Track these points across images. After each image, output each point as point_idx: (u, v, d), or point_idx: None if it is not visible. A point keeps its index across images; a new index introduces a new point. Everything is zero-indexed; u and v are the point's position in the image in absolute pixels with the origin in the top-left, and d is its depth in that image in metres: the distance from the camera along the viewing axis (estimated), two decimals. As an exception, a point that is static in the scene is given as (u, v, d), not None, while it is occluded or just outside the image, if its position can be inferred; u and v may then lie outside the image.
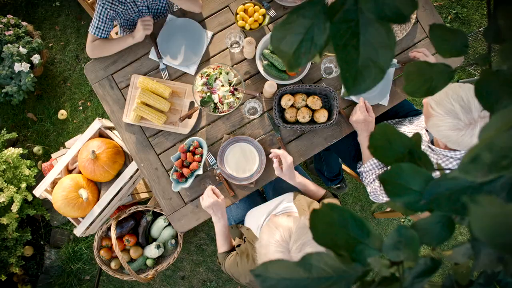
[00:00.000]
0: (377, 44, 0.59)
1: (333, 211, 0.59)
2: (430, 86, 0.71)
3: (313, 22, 0.62)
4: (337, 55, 0.58)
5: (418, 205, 0.60)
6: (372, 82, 0.57)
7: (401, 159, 0.68)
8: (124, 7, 1.92)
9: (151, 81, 1.91)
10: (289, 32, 0.63)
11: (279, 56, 0.63)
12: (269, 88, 1.83)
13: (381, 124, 0.64)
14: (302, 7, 0.63)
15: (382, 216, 2.82)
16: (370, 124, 1.89)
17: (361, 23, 0.59)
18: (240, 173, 1.91)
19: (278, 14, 2.02)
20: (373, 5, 0.57)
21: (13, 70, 2.66)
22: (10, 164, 2.39)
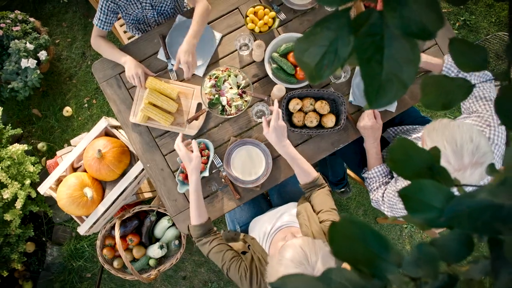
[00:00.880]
0: (401, 59, 0.58)
1: (353, 225, 0.59)
2: (447, 99, 0.70)
3: (337, 35, 0.62)
4: (361, 69, 0.58)
5: (438, 222, 0.60)
6: (393, 97, 0.57)
7: (420, 174, 0.67)
8: (126, 2, 1.91)
9: (159, 82, 1.90)
10: (313, 44, 0.63)
11: (301, 67, 0.63)
12: (278, 92, 1.83)
13: (400, 138, 0.64)
14: (327, 20, 0.63)
15: (385, 221, 2.82)
16: (378, 131, 1.88)
17: (386, 38, 0.58)
18: (246, 176, 1.91)
19: (288, 17, 2.01)
20: (399, 20, 0.57)
21: (20, 66, 2.66)
22: (14, 160, 2.38)
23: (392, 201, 1.73)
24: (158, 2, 2.02)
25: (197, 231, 1.67)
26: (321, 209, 1.64)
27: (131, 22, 2.15)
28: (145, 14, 2.06)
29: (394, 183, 1.77)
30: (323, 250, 1.28)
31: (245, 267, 1.54)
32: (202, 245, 1.66)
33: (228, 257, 1.58)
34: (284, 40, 1.94)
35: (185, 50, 1.78)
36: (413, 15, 0.57)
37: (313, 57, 0.63)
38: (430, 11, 0.58)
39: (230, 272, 1.56)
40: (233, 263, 1.56)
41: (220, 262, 1.59)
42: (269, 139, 1.73)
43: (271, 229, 1.69)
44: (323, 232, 1.53)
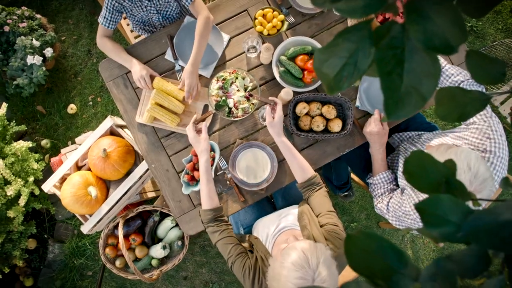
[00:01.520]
0: (421, 73, 0.58)
1: (370, 239, 0.58)
2: (462, 112, 0.70)
3: (357, 47, 0.62)
4: (382, 82, 0.58)
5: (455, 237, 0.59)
6: (412, 110, 0.57)
7: (436, 188, 0.67)
8: (131, 4, 1.91)
9: (166, 83, 1.90)
10: (333, 55, 0.63)
11: (320, 78, 0.63)
12: (285, 96, 1.82)
13: (416, 151, 0.64)
14: (348, 31, 0.62)
15: (388, 226, 2.82)
16: (384, 137, 1.88)
17: (406, 51, 0.58)
18: (251, 178, 1.90)
19: (297, 20, 2.01)
20: (422, 34, 0.57)
21: (25, 63, 2.66)
22: (18, 157, 2.38)
23: (398, 212, 1.73)
24: (164, 7, 2.01)
25: (208, 216, 1.66)
26: (320, 212, 1.64)
27: (137, 24, 2.15)
28: (150, 17, 2.06)
29: (400, 194, 1.76)
30: (325, 254, 1.29)
31: (250, 265, 1.54)
32: (212, 232, 1.65)
33: (236, 251, 1.58)
34: (292, 43, 1.94)
35: (190, 72, 1.82)
36: (436, 29, 0.57)
37: (333, 68, 0.63)
38: (453, 26, 0.58)
39: (234, 267, 1.56)
40: (239, 258, 1.56)
41: (226, 254, 1.59)
42: (271, 130, 1.72)
43: (275, 230, 1.69)
44: (324, 236, 1.53)
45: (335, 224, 1.56)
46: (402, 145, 1.97)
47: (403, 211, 1.69)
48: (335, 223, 1.57)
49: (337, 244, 1.49)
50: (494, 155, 1.54)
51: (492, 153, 1.54)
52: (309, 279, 1.22)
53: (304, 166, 1.72)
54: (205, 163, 1.68)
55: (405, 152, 1.90)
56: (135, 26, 2.21)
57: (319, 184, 1.72)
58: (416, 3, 0.58)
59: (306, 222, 1.61)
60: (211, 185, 1.69)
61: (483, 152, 1.54)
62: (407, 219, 1.69)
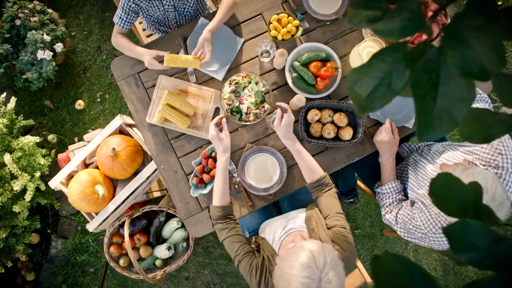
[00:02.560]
0: (455, 97, 0.58)
1: (397, 261, 0.58)
2: (488, 134, 0.70)
3: (392, 68, 0.61)
4: (416, 105, 0.58)
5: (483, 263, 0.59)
6: (442, 133, 0.57)
7: (464, 212, 0.67)
8: (148, 4, 1.90)
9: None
10: (366, 75, 0.63)
11: (351, 97, 0.62)
12: (298, 102, 1.82)
13: (442, 173, 0.63)
14: (383, 52, 0.62)
15: (391, 234, 2.81)
16: (394, 146, 1.87)
17: (442, 75, 0.58)
18: (260, 183, 1.90)
19: (311, 26, 2.00)
20: (459, 60, 0.56)
21: (35, 57, 2.65)
22: (25, 152, 2.38)
23: (408, 225, 1.72)
24: (181, 4, 2.01)
25: (217, 213, 1.66)
26: (328, 214, 1.63)
27: (152, 23, 2.14)
28: (167, 16, 2.05)
29: (410, 206, 1.76)
30: (332, 255, 1.28)
31: (257, 264, 1.54)
32: (220, 230, 1.65)
33: (243, 250, 1.57)
34: (306, 49, 1.93)
35: (206, 38, 1.83)
36: (474, 55, 0.57)
37: (365, 88, 0.63)
38: (492, 53, 0.57)
39: (241, 265, 1.56)
40: (246, 257, 1.56)
41: (233, 252, 1.59)
42: (278, 132, 1.71)
43: (281, 231, 1.69)
44: (331, 239, 1.53)
45: (343, 227, 1.56)
46: (411, 156, 1.97)
47: (414, 224, 1.69)
48: (343, 225, 1.56)
49: (344, 246, 1.49)
50: (507, 171, 1.53)
51: (504, 169, 1.53)
52: (315, 278, 1.22)
53: (313, 167, 1.72)
54: (225, 162, 1.68)
55: (414, 164, 1.90)
56: (150, 26, 2.20)
57: (328, 185, 1.71)
58: (456, 28, 0.57)
59: (314, 225, 1.60)
60: (226, 184, 1.69)
61: (495, 168, 1.53)
62: (417, 233, 1.68)
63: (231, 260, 2.84)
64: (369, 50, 1.77)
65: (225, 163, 1.68)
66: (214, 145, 1.71)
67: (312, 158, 1.73)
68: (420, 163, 1.86)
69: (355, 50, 1.82)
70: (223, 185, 1.68)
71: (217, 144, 1.69)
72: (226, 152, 1.68)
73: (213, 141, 1.70)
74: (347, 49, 1.99)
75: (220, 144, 1.68)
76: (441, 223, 1.58)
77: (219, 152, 1.70)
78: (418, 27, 0.60)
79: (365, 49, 1.78)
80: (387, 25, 0.61)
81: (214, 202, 1.69)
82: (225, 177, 1.68)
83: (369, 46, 1.79)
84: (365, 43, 1.79)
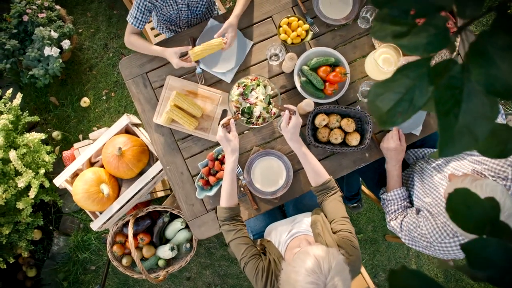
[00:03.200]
0: (477, 114, 0.58)
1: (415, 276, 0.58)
2: (504, 148, 0.69)
3: (415, 84, 0.61)
4: (439, 121, 0.57)
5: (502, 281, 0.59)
6: (462, 149, 0.57)
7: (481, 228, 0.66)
8: (163, 2, 1.90)
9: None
10: (389, 90, 0.62)
11: (372, 110, 0.62)
12: (306, 106, 1.81)
13: (459, 188, 0.63)
14: (407, 67, 0.62)
15: (394, 240, 2.81)
16: (401, 153, 1.87)
17: (465, 92, 0.58)
18: (266, 187, 1.90)
19: (321, 31, 2.00)
20: (484, 78, 0.56)
21: (42, 53, 2.65)
22: (30, 148, 2.38)
23: (413, 233, 1.72)
24: (194, 2, 2.01)
25: (224, 214, 1.66)
26: (333, 219, 1.63)
27: (163, 22, 2.14)
28: (179, 14, 2.05)
29: (415, 214, 1.75)
30: (337, 259, 1.28)
31: (263, 267, 1.53)
32: (227, 231, 1.65)
33: (250, 253, 1.57)
34: (315, 53, 1.93)
35: (232, 24, 1.85)
36: (499, 74, 0.56)
37: (387, 103, 0.62)
38: (518, 71, 0.57)
39: (247, 267, 1.56)
40: (252, 260, 1.55)
41: (240, 254, 1.59)
42: (285, 134, 1.71)
43: (287, 234, 1.68)
44: (337, 243, 1.52)
45: (348, 231, 1.56)
46: (418, 163, 1.96)
47: (419, 232, 1.68)
48: (349, 230, 1.56)
49: (350, 251, 1.49)
50: None
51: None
52: (320, 284, 1.22)
53: (319, 170, 1.71)
54: (233, 163, 1.68)
55: (421, 171, 1.89)
56: (160, 24, 2.20)
57: (333, 189, 1.70)
58: (482, 46, 0.57)
59: (320, 230, 1.60)
60: (234, 185, 1.68)
61: (504, 180, 1.53)
62: (422, 241, 1.68)
63: (233, 261, 2.85)
64: (385, 57, 1.76)
65: (233, 164, 1.68)
66: (222, 146, 1.70)
67: (317, 161, 1.73)
68: (426, 171, 1.85)
69: (371, 57, 1.81)
70: (231, 186, 1.68)
71: (225, 145, 1.69)
72: (234, 153, 1.68)
73: (221, 142, 1.70)
74: (356, 54, 1.99)
75: (228, 145, 1.68)
76: (447, 232, 1.58)
77: (227, 153, 1.69)
78: (444, 43, 0.60)
79: (381, 55, 1.77)
80: (412, 40, 0.60)
81: (222, 203, 1.69)
82: (233, 178, 1.68)
83: (385, 52, 1.77)
84: (381, 49, 1.78)
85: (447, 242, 1.58)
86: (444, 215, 1.61)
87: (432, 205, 1.69)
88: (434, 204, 1.69)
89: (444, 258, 1.70)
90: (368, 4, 1.97)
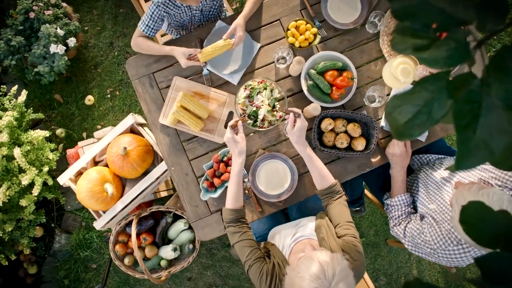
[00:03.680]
0: (494, 129, 0.58)
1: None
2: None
3: (434, 97, 0.61)
4: (457, 135, 0.57)
5: (518, 296, 0.59)
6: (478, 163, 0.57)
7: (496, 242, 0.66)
8: (178, 10, 1.90)
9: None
10: (407, 102, 0.62)
11: (389, 123, 0.62)
12: (313, 111, 1.81)
13: (474, 202, 0.63)
14: (426, 80, 0.62)
15: (395, 244, 2.81)
16: (406, 159, 1.87)
17: (484, 106, 0.58)
18: (270, 189, 1.89)
19: (329, 35, 1.99)
20: (504, 92, 0.56)
21: (48, 51, 2.64)
22: (34, 146, 2.37)
23: (417, 240, 1.72)
24: (208, 7, 2.02)
25: (230, 216, 1.65)
26: (338, 223, 1.63)
27: (174, 27, 2.14)
28: (192, 20, 2.06)
29: (419, 220, 1.75)
30: (341, 265, 1.29)
31: (267, 271, 1.53)
32: (232, 233, 1.64)
33: (255, 255, 1.57)
34: (322, 57, 1.92)
35: (239, 24, 1.86)
36: (520, 89, 0.56)
37: (405, 115, 0.63)
38: (538, 87, 0.57)
39: (251, 270, 1.55)
40: (257, 263, 1.55)
41: (244, 257, 1.58)
42: (291, 137, 1.71)
43: (291, 238, 1.68)
44: (341, 248, 1.52)
45: (353, 236, 1.56)
46: (422, 169, 1.96)
47: (423, 239, 1.68)
48: (353, 234, 1.56)
49: (354, 256, 1.49)
50: None
51: None
52: None
53: (324, 174, 1.71)
54: (240, 165, 1.67)
55: (425, 177, 1.89)
56: (170, 28, 2.20)
57: (339, 193, 1.70)
58: (502, 61, 0.57)
59: (324, 234, 1.60)
60: (240, 187, 1.68)
61: (511, 190, 1.52)
62: (426, 248, 1.68)
63: (234, 262, 2.85)
64: (403, 67, 1.74)
65: (240, 166, 1.67)
66: (229, 147, 1.70)
67: (323, 165, 1.73)
68: (431, 177, 1.85)
69: (388, 67, 1.78)
70: (237, 187, 1.67)
71: (232, 146, 1.68)
72: (241, 155, 1.68)
73: (228, 143, 1.69)
74: (363, 59, 1.99)
75: (235, 146, 1.67)
76: (451, 240, 1.58)
77: (234, 155, 1.69)
78: (464, 57, 0.59)
79: (399, 65, 1.75)
80: (433, 54, 0.60)
81: (227, 205, 1.68)
82: (239, 180, 1.68)
83: (403, 62, 1.75)
84: (399, 59, 1.76)
85: (451, 250, 1.58)
86: (448, 223, 1.61)
87: (436, 212, 1.69)
88: (438, 211, 1.69)
89: (447, 265, 1.70)
90: (376, 9, 1.97)
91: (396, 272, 2.92)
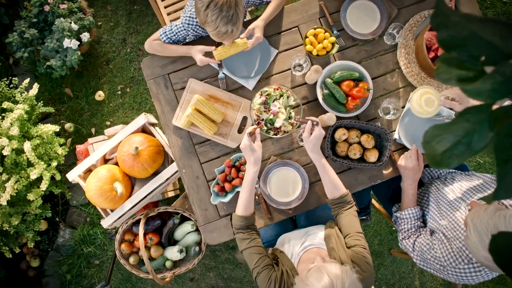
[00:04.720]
0: (535, 163, 0.57)
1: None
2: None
3: (475, 128, 0.61)
4: (498, 169, 0.57)
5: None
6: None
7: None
8: (203, 31, 1.92)
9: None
10: (447, 132, 0.62)
11: (426, 150, 0.62)
12: (328, 120, 1.81)
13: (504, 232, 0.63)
14: (468, 112, 0.61)
15: (399, 255, 2.81)
16: (418, 173, 1.86)
17: (524, 140, 0.57)
18: (280, 197, 1.89)
19: (347, 44, 1.98)
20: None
21: (61, 45, 2.63)
22: (43, 140, 2.37)
23: (426, 255, 1.71)
24: None
25: (240, 222, 1.65)
26: (348, 233, 1.63)
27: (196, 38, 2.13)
28: None
29: (429, 235, 1.75)
30: (351, 278, 1.28)
31: (276, 278, 1.53)
32: (241, 239, 1.64)
33: (263, 263, 1.57)
34: (339, 67, 1.92)
35: (259, 26, 1.86)
36: None
37: (444, 144, 0.62)
38: None
39: (260, 277, 1.55)
40: (265, 270, 1.55)
41: (253, 263, 1.58)
42: (306, 145, 1.70)
43: (300, 247, 1.68)
44: (351, 259, 1.52)
45: (363, 247, 1.55)
46: (434, 183, 1.95)
47: (432, 255, 1.67)
48: (363, 246, 1.56)
49: (364, 267, 1.48)
50: None
51: None
52: None
53: (337, 183, 1.71)
54: (254, 174, 1.66)
55: (436, 192, 1.88)
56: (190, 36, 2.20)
57: (350, 203, 1.70)
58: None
59: (334, 244, 1.59)
60: (252, 194, 1.67)
61: None
62: (435, 264, 1.67)
63: (237, 265, 2.84)
64: (428, 97, 1.74)
65: (255, 174, 1.66)
66: (245, 155, 1.68)
67: (336, 174, 1.72)
68: (442, 191, 1.84)
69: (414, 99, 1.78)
70: (249, 195, 1.66)
71: (248, 154, 1.67)
72: (256, 164, 1.67)
73: (245, 151, 1.67)
74: (380, 70, 1.98)
75: (251, 154, 1.66)
76: (462, 258, 1.57)
77: (249, 163, 1.68)
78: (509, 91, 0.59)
79: (423, 96, 1.75)
80: (476, 86, 0.60)
81: (238, 211, 1.68)
82: (252, 188, 1.67)
83: (426, 93, 1.75)
84: (420, 91, 1.76)
85: (461, 268, 1.58)
86: (460, 240, 1.60)
87: (448, 229, 1.68)
88: (450, 227, 1.68)
89: (456, 282, 1.69)
90: (395, 21, 1.96)
91: (398, 283, 2.92)
